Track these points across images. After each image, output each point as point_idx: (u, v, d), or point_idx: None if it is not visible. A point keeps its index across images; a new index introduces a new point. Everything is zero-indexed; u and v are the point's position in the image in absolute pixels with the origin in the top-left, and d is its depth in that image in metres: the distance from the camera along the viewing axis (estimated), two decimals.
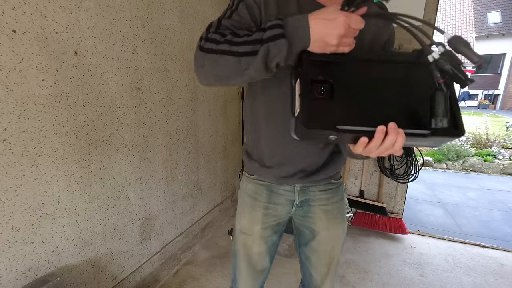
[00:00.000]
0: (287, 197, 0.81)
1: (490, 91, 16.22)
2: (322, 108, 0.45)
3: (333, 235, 0.83)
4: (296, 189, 0.80)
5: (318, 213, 0.81)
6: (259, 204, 0.81)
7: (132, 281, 1.50)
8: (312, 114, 0.45)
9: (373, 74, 0.48)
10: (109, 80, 1.25)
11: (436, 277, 1.69)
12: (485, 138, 4.90)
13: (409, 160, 2.01)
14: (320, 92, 0.46)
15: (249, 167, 0.82)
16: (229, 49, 0.50)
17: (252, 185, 0.83)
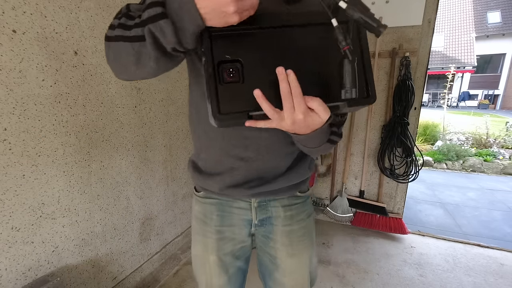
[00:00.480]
0: (243, 216, 0.67)
1: (490, 91, 16.21)
2: (233, 91, 0.40)
3: (300, 264, 0.68)
4: (253, 206, 0.66)
5: (281, 235, 0.67)
6: (210, 229, 0.67)
7: (132, 281, 1.50)
8: (223, 100, 0.40)
9: (286, 43, 0.42)
10: (109, 80, 1.25)
11: (436, 277, 1.69)
12: (485, 138, 4.90)
13: (409, 160, 2.01)
14: (229, 74, 0.40)
15: (195, 179, 0.69)
16: (123, 34, 0.43)
17: (200, 206, 0.69)
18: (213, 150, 0.62)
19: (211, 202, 0.68)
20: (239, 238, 0.69)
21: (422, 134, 5.30)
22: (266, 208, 0.67)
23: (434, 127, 5.59)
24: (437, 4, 1.83)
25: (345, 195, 2.28)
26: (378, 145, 2.14)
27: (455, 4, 17.88)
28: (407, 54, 1.90)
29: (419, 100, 1.98)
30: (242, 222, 0.68)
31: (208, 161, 0.65)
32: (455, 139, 5.05)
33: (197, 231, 0.70)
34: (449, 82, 6.12)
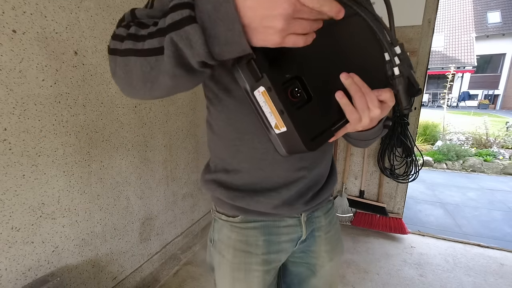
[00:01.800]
0: (292, 235, 0.59)
1: (490, 91, 16.21)
2: (307, 116, 0.36)
3: (336, 265, 0.67)
4: (303, 220, 0.59)
5: (324, 244, 0.63)
6: (256, 260, 0.56)
7: (132, 281, 1.50)
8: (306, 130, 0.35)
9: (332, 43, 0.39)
10: (109, 80, 1.25)
11: (436, 277, 1.69)
12: (485, 138, 4.90)
13: (409, 160, 2.01)
14: (296, 95, 0.35)
15: (226, 201, 0.56)
16: (134, 47, 0.34)
17: (240, 234, 0.57)
18: (263, 165, 0.54)
19: (255, 226, 0.57)
20: (280, 262, 0.61)
21: (422, 134, 5.30)
22: (312, 220, 0.61)
23: (434, 127, 5.59)
24: (437, 4, 1.83)
25: (345, 195, 2.28)
26: (378, 145, 2.14)
27: (455, 4, 17.88)
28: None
29: (419, 100, 1.98)
30: (290, 243, 0.60)
31: (253, 177, 0.55)
32: (455, 139, 5.05)
33: (235, 266, 0.57)
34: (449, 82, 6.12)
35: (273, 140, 0.38)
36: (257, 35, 0.30)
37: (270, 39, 0.29)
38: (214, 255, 0.62)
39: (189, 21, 0.29)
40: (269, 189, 0.55)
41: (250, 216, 0.57)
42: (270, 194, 0.55)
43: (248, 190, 0.55)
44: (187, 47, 0.30)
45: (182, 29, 0.29)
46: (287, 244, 0.59)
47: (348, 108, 0.37)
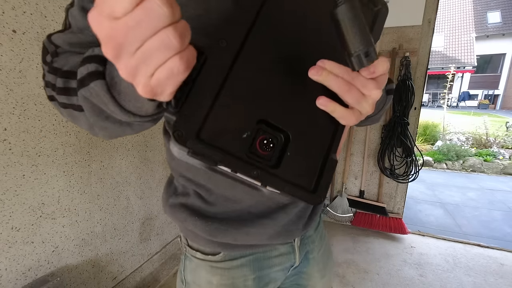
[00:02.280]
0: (285, 264, 0.50)
1: (490, 91, 16.22)
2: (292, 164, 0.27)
3: (328, 281, 0.60)
4: (297, 245, 0.51)
5: (317, 263, 0.56)
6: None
7: (132, 281, 1.50)
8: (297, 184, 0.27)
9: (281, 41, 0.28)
10: None
11: (436, 277, 1.69)
12: (485, 138, 4.90)
13: (409, 160, 2.01)
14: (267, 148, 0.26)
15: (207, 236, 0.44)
16: (70, 102, 0.30)
17: (223, 276, 0.47)
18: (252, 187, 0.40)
19: (242, 263, 0.47)
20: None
21: (422, 134, 5.30)
22: (305, 241, 0.53)
23: (434, 127, 5.59)
24: (437, 4, 1.83)
25: (345, 195, 2.28)
26: (378, 145, 2.14)
27: (455, 4, 17.89)
28: (407, 54, 1.90)
29: (419, 100, 1.98)
30: (282, 273, 0.51)
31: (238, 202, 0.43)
32: (455, 139, 5.05)
33: None
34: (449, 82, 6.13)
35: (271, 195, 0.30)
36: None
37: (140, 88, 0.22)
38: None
39: (95, 76, 0.26)
40: (260, 215, 0.44)
41: (235, 252, 0.46)
42: (263, 222, 0.44)
43: (232, 220, 0.43)
44: (101, 103, 0.27)
45: (88, 86, 0.26)
46: (279, 273, 0.51)
47: (341, 113, 0.27)
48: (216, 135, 0.24)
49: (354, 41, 0.23)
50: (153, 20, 0.17)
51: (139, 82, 0.20)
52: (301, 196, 0.27)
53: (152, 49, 0.18)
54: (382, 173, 2.12)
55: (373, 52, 0.24)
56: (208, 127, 0.24)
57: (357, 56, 0.24)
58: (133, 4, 0.17)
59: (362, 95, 0.27)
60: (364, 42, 0.23)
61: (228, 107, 0.25)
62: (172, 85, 0.21)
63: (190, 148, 0.23)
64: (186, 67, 0.20)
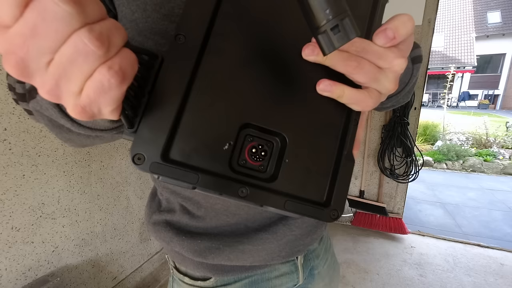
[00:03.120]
0: (286, 285, 0.44)
1: (490, 91, 16.22)
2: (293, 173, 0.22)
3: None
4: (300, 263, 0.45)
5: (322, 277, 0.50)
6: None
7: (132, 281, 1.50)
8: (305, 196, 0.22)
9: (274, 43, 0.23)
10: None
11: (436, 277, 1.69)
12: (485, 138, 4.90)
13: (409, 160, 2.01)
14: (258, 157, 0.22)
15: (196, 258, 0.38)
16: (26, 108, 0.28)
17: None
18: None
19: (239, 285, 0.41)
20: None
21: (422, 134, 5.30)
22: (308, 257, 0.46)
23: (434, 127, 5.59)
24: (437, 4, 1.83)
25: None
26: (378, 145, 2.14)
27: (455, 4, 17.88)
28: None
29: (419, 100, 1.98)
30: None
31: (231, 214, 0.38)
32: (455, 139, 5.05)
33: None
34: (449, 82, 6.13)
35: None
36: None
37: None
38: None
39: None
40: (259, 228, 0.38)
41: (229, 276, 0.40)
42: (262, 237, 0.38)
43: (226, 235, 0.38)
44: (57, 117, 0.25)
45: (36, 98, 0.24)
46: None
47: (352, 96, 0.21)
48: (188, 151, 0.20)
49: (317, 10, 0.16)
50: (52, 23, 0.13)
51: (67, 102, 0.16)
52: (310, 213, 0.21)
53: (67, 60, 0.14)
54: (382, 173, 2.11)
55: (349, 25, 0.16)
56: (177, 143, 0.20)
57: (324, 33, 0.16)
58: (19, 6, 0.12)
59: (378, 69, 0.21)
60: (332, 11, 0.15)
61: (199, 115, 0.20)
62: (108, 102, 0.16)
63: (154, 173, 0.19)
64: (121, 78, 0.15)
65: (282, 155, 0.22)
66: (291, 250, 0.41)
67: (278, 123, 0.22)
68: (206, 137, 0.20)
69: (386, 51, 0.20)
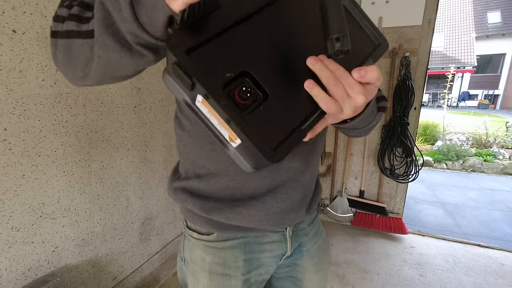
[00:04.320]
0: (275, 251, 0.53)
1: (490, 91, 16.22)
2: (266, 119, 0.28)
3: (323, 277, 0.62)
4: (288, 235, 0.53)
5: (311, 256, 0.58)
6: (235, 283, 0.50)
7: (132, 281, 1.50)
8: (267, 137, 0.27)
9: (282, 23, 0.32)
10: None
11: (436, 277, 1.69)
12: (485, 138, 4.90)
13: (409, 160, 2.01)
14: (244, 96, 0.28)
15: (203, 214, 0.48)
16: (77, 29, 0.31)
17: (216, 255, 0.50)
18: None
19: (233, 245, 0.50)
20: (264, 278, 0.55)
21: (422, 134, 5.30)
22: (297, 233, 0.55)
23: (434, 127, 5.59)
24: (437, 4, 1.83)
25: (345, 195, 2.28)
26: (378, 145, 2.14)
27: (455, 4, 17.88)
28: (407, 54, 1.90)
29: (419, 100, 1.98)
30: (273, 259, 0.54)
31: (231, 181, 0.47)
32: (455, 139, 5.05)
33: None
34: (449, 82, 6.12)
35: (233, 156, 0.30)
36: None
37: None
38: (187, 274, 0.56)
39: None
40: (251, 196, 0.47)
41: (227, 233, 0.50)
42: (253, 204, 0.47)
43: (227, 199, 0.47)
44: (115, 10, 0.28)
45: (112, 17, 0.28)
46: (270, 260, 0.53)
47: (323, 99, 0.29)
48: (203, 61, 0.26)
49: (331, 26, 0.27)
50: None
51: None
52: (260, 147, 0.27)
53: None
54: (382, 173, 2.11)
55: (346, 41, 0.26)
56: (199, 52, 0.26)
57: (330, 40, 0.27)
58: None
59: (347, 94, 0.29)
60: (339, 30, 0.26)
61: (222, 47, 0.27)
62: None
63: (176, 56, 0.25)
64: None
65: (260, 104, 0.28)
66: (278, 221, 0.49)
67: (268, 82, 0.29)
68: (219, 60, 0.27)
69: (356, 84, 0.29)
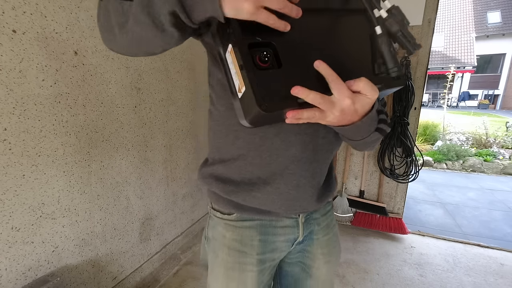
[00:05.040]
0: (288, 236, 0.58)
1: (490, 91, 16.21)
2: (271, 80, 0.35)
3: (332, 268, 0.66)
4: (301, 221, 0.58)
5: (321, 246, 0.62)
6: (250, 261, 0.55)
7: (132, 281, 1.50)
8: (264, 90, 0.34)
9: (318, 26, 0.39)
10: (109, 80, 1.25)
11: (436, 277, 1.69)
12: (485, 138, 4.90)
13: (409, 160, 2.01)
14: (263, 59, 0.35)
15: (225, 196, 0.54)
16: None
17: (234, 232, 0.55)
18: (261, 150, 0.50)
19: (251, 225, 0.55)
20: (276, 263, 0.60)
21: (422, 134, 5.30)
22: (310, 221, 0.60)
23: (434, 127, 5.58)
24: (437, 4, 1.83)
25: (345, 195, 2.28)
26: (378, 145, 2.14)
27: (455, 4, 17.87)
28: (407, 54, 1.90)
29: (419, 100, 1.98)
30: (286, 244, 0.58)
31: (250, 166, 0.52)
32: (455, 139, 5.05)
33: (229, 266, 0.56)
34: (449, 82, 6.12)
35: (236, 107, 0.37)
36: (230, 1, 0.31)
37: (242, 6, 0.30)
38: (208, 252, 0.61)
39: None
40: (265, 181, 0.52)
41: (245, 214, 0.55)
42: (267, 190, 0.52)
43: (245, 183, 0.53)
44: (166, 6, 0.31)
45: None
46: (283, 244, 0.58)
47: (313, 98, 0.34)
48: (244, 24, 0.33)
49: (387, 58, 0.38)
50: None
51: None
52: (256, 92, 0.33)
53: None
54: (382, 173, 2.11)
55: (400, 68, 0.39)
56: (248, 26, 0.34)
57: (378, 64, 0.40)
58: None
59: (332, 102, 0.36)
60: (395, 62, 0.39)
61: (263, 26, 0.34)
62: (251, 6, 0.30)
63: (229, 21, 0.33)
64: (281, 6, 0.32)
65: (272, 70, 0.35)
66: (289, 206, 0.54)
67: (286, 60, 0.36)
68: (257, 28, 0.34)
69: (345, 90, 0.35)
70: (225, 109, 0.52)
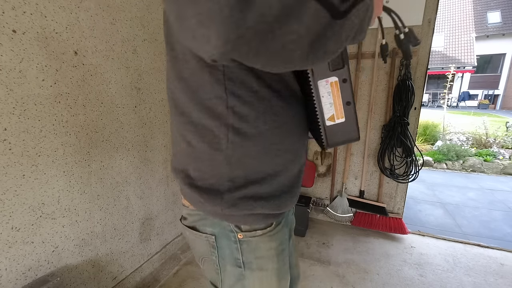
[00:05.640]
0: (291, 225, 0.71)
1: (490, 91, 16.20)
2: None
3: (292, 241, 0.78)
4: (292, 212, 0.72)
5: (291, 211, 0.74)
6: (287, 251, 0.63)
7: (132, 281, 1.50)
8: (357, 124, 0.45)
9: None
10: (109, 80, 1.25)
11: (436, 277, 1.69)
12: (485, 138, 4.90)
13: (409, 160, 2.01)
14: None
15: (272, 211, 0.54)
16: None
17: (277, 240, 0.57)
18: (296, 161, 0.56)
19: (282, 224, 0.59)
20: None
21: (422, 134, 5.30)
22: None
23: (434, 127, 5.58)
24: (437, 4, 1.83)
25: (345, 195, 2.28)
26: (378, 145, 2.14)
27: (455, 4, 17.87)
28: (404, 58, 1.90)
29: (419, 100, 1.97)
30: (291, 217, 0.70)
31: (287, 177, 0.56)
32: (455, 139, 5.04)
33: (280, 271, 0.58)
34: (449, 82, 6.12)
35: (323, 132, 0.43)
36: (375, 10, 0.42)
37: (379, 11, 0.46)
38: (248, 276, 0.56)
39: None
40: (292, 185, 0.56)
41: (279, 218, 0.58)
42: (294, 192, 0.57)
43: (285, 192, 0.55)
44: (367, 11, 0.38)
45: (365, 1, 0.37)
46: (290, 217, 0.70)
47: None
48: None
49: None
50: None
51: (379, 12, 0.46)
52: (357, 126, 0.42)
53: None
54: (382, 173, 2.11)
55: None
56: None
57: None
58: None
59: None
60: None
61: None
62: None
63: None
64: None
65: None
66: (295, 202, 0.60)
67: None
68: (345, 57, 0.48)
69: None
70: (269, 127, 0.48)
